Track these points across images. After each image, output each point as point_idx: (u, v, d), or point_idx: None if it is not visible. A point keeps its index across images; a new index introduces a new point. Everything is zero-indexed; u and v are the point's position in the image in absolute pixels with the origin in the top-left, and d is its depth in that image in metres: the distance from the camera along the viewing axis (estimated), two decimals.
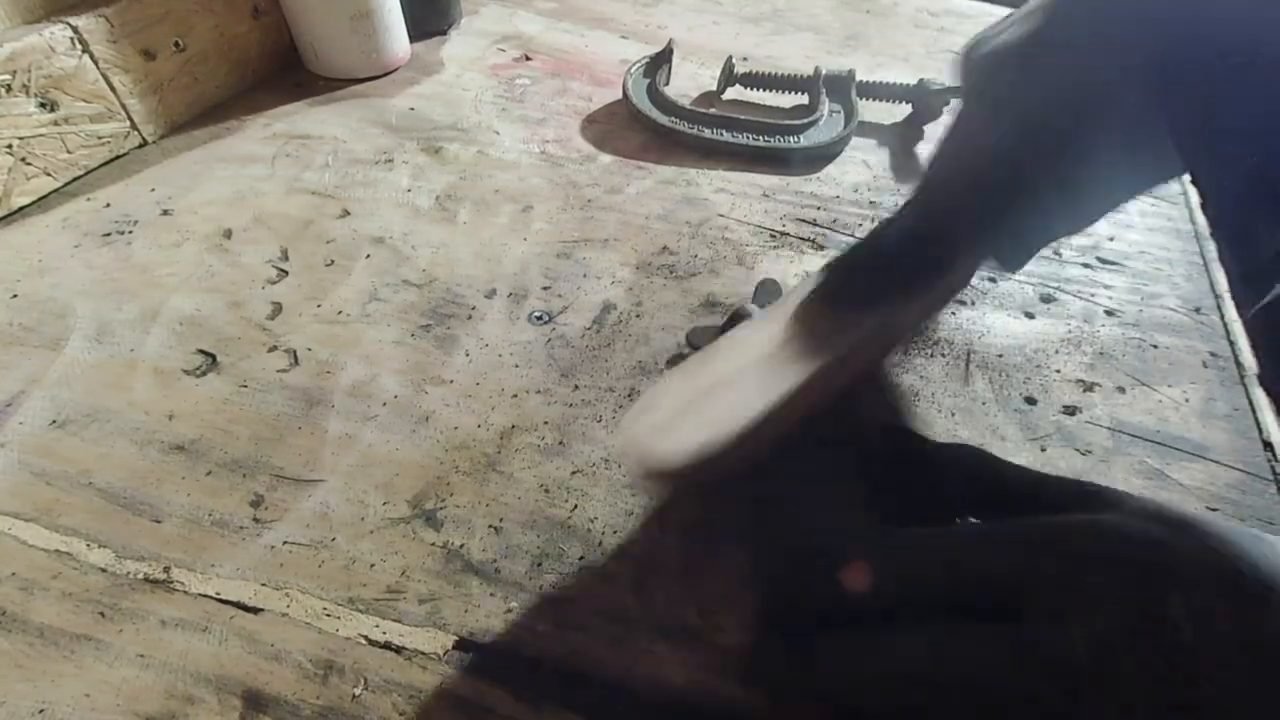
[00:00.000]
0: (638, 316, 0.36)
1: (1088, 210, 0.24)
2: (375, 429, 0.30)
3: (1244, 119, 0.16)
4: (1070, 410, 0.33)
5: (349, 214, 0.41)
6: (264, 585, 0.24)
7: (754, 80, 0.50)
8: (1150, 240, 0.44)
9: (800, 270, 0.40)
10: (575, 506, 0.28)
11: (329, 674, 0.22)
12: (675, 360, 0.33)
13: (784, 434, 0.22)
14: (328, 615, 0.24)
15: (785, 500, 0.23)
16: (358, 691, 0.22)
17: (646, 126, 0.49)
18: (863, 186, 0.47)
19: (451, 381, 0.32)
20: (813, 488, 0.23)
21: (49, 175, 0.40)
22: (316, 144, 0.47)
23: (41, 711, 0.21)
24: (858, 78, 0.49)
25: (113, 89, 0.42)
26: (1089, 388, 0.34)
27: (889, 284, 0.24)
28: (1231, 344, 0.37)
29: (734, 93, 0.54)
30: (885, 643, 0.18)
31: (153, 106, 0.45)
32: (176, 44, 0.45)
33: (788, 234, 0.42)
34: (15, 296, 0.34)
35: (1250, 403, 0.33)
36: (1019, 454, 0.30)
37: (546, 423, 0.31)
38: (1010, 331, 0.37)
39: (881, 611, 0.18)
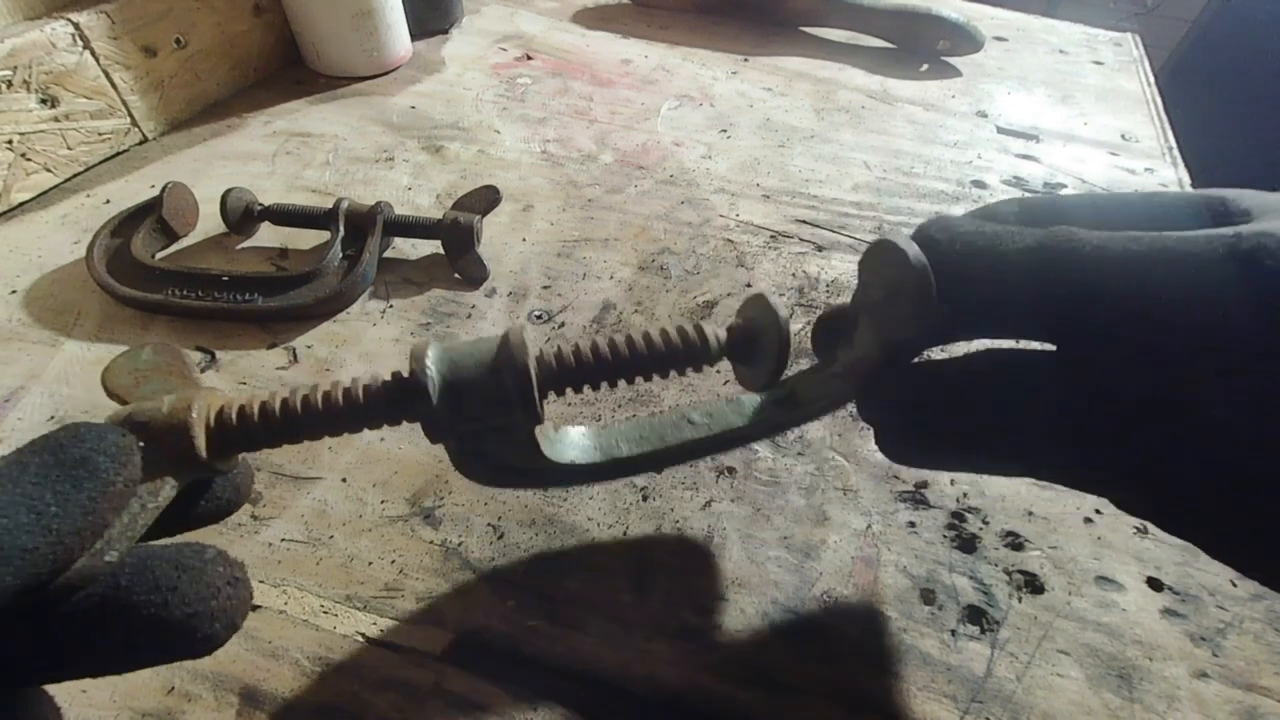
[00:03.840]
0: (638, 316, 0.36)
1: None
2: None
3: None
4: None
5: None
6: (262, 582, 0.24)
7: (276, 216, 0.38)
8: None
9: (800, 270, 0.40)
10: (573, 505, 0.28)
11: (326, 671, 0.22)
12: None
13: None
14: (325, 613, 0.24)
15: None
16: (355, 689, 0.22)
17: (121, 299, 0.33)
18: (863, 187, 0.47)
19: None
20: None
21: (49, 171, 0.40)
22: (317, 142, 0.47)
23: None
24: (394, 212, 0.38)
25: (113, 85, 0.42)
26: None
27: None
28: None
29: (266, 233, 0.40)
30: None
31: (153, 103, 0.45)
32: (178, 41, 0.45)
33: (788, 234, 0.42)
34: (14, 292, 0.34)
35: None
36: None
37: (545, 421, 0.30)
38: None
39: None
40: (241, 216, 0.38)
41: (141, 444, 0.14)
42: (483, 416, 0.17)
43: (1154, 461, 0.16)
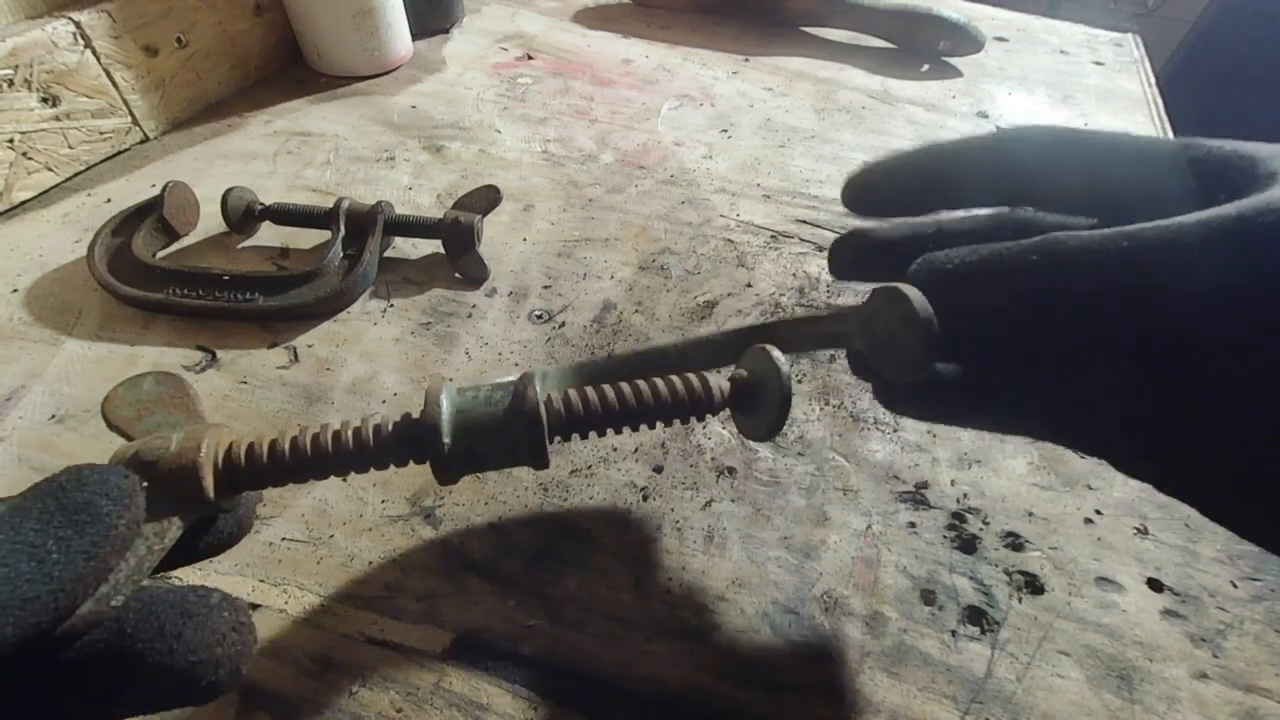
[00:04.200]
0: (638, 316, 0.36)
1: None
2: None
3: None
4: None
5: None
6: (262, 581, 0.24)
7: (277, 215, 0.38)
8: None
9: (800, 270, 0.40)
10: (573, 505, 0.28)
11: (326, 670, 0.22)
12: None
13: None
14: (326, 612, 0.24)
15: None
16: (355, 688, 0.22)
17: (121, 298, 0.34)
18: None
19: (451, 379, 0.32)
20: None
21: (50, 170, 0.40)
22: (318, 141, 0.47)
23: None
24: (395, 212, 0.37)
25: (115, 85, 0.42)
26: None
27: None
28: None
29: (267, 232, 0.40)
30: None
31: (154, 102, 0.45)
32: (179, 40, 0.45)
33: (788, 234, 0.42)
34: (15, 291, 0.34)
35: None
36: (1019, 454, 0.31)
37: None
38: None
39: None
40: (242, 216, 0.38)
41: (146, 484, 0.14)
42: (492, 460, 0.18)
43: (1156, 446, 0.16)
